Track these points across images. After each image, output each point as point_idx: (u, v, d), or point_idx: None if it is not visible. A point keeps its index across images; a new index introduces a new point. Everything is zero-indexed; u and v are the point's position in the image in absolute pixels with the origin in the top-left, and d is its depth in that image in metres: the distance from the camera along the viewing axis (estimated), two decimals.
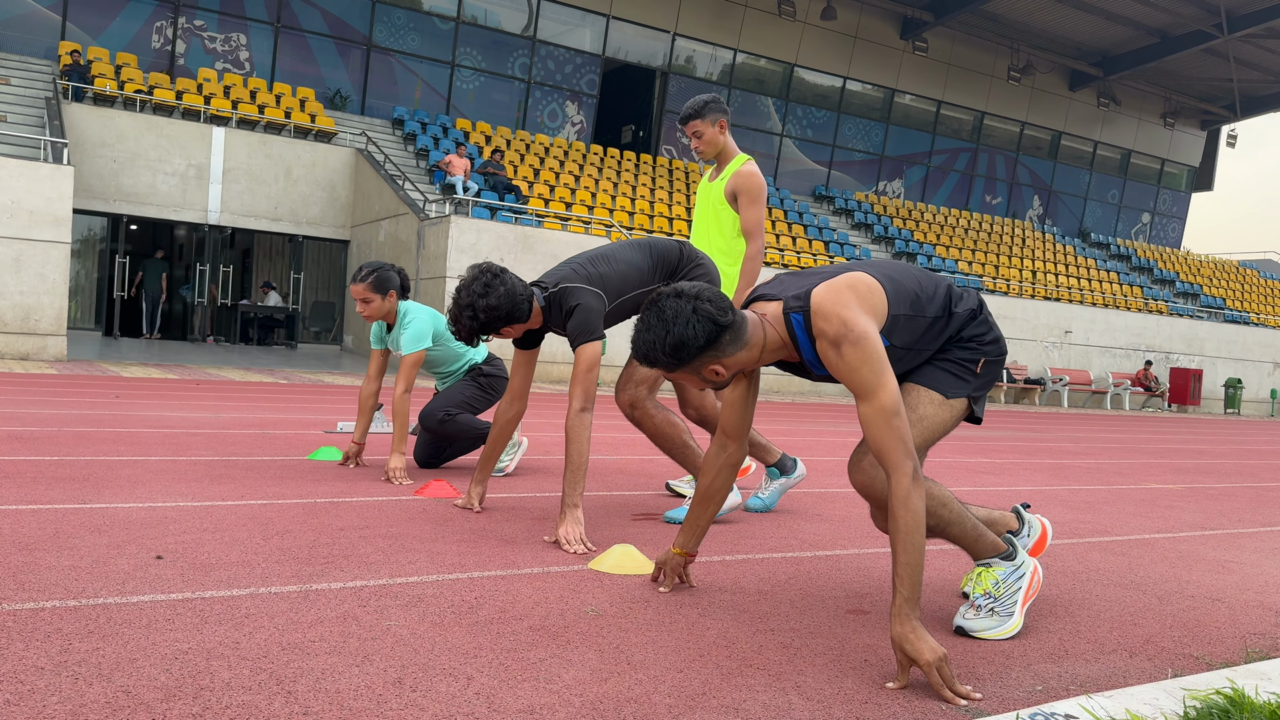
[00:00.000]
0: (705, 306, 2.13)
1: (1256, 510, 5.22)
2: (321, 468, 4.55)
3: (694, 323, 2.12)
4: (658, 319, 2.15)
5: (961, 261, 27.95)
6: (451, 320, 3.27)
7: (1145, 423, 16.96)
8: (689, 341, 2.12)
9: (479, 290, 3.21)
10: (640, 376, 3.61)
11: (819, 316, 2.16)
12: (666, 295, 2.17)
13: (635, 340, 2.19)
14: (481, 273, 3.24)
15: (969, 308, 2.42)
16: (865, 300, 2.21)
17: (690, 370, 2.18)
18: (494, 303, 3.20)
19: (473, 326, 3.22)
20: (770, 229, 24.76)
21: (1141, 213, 41.67)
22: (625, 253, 3.57)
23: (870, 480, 2.31)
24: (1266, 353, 31.42)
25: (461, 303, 3.22)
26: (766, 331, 2.22)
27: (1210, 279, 36.92)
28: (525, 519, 3.53)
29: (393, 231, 18.36)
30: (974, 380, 2.40)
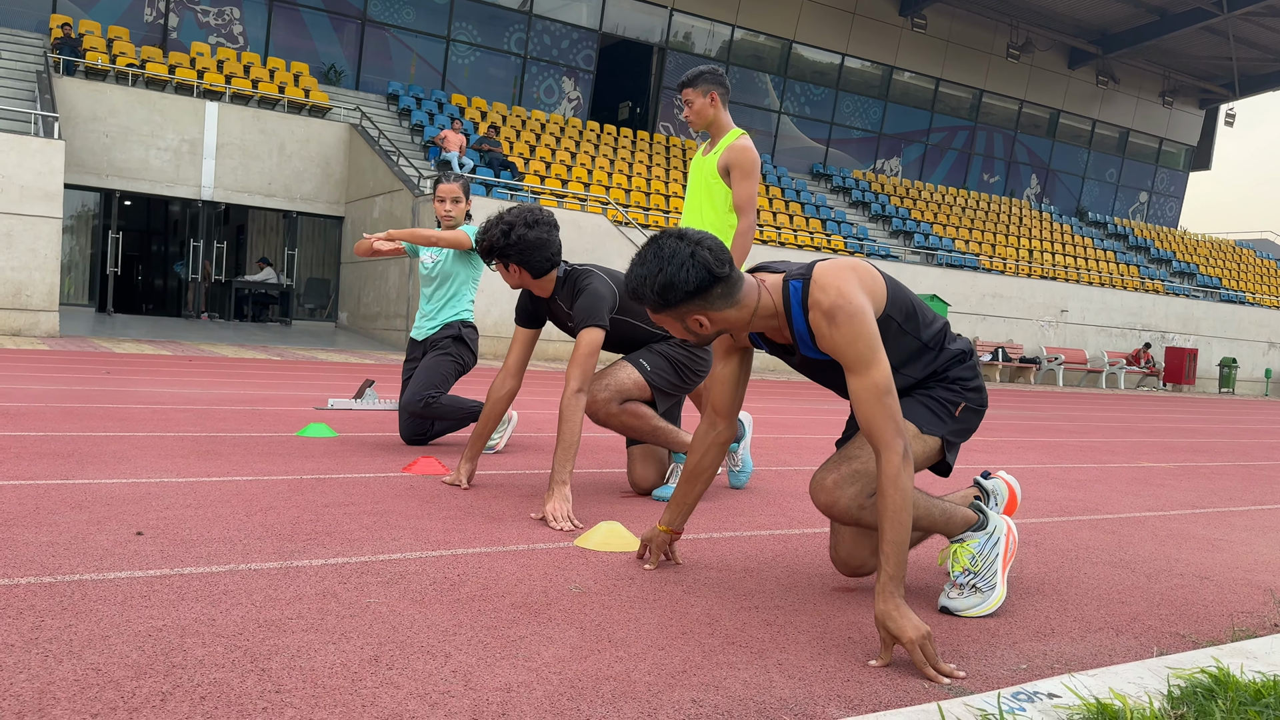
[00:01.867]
0: (704, 254, 2.09)
1: (1247, 489, 5.22)
2: (310, 444, 4.53)
3: (689, 267, 2.08)
4: (654, 255, 2.12)
5: (959, 240, 27.87)
6: (482, 229, 3.30)
7: (1140, 402, 16.95)
8: (679, 284, 2.08)
9: (529, 220, 3.27)
10: (616, 384, 3.53)
11: (817, 286, 2.13)
12: (669, 234, 2.14)
13: (628, 274, 2.16)
14: (541, 211, 3.32)
15: (961, 348, 2.41)
16: (865, 283, 2.19)
17: (675, 315, 2.14)
18: (530, 237, 3.25)
19: (497, 242, 3.27)
20: (767, 207, 24.66)
21: (1139, 192, 41.55)
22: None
23: (834, 500, 2.25)
24: (1262, 332, 31.43)
25: (506, 218, 3.26)
26: (761, 296, 2.19)
27: (1207, 258, 36.89)
28: (513, 496, 3.51)
29: (387, 208, 18.26)
30: (951, 423, 2.37)
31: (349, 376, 9.83)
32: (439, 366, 4.58)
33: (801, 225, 24.53)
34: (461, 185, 4.73)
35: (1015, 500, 2.73)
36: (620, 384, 3.46)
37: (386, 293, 18.17)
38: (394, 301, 17.82)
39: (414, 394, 4.46)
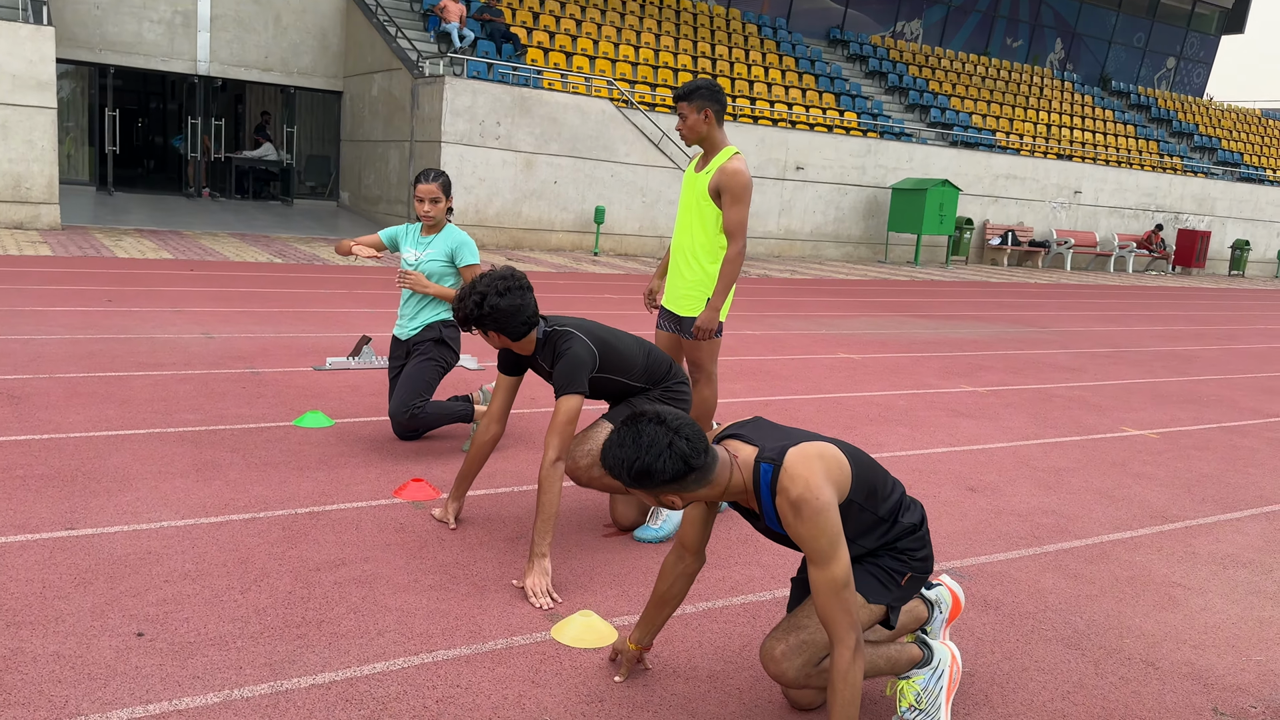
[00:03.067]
0: (682, 445, 2.15)
1: (1225, 476, 5.33)
2: (306, 443, 4.65)
3: (666, 457, 2.15)
4: (632, 441, 2.18)
5: (976, 115, 27.17)
6: (457, 299, 3.35)
7: (1145, 295, 16.84)
8: (655, 473, 2.16)
9: (499, 288, 3.29)
10: (597, 448, 3.58)
11: (786, 475, 2.20)
12: (648, 418, 2.19)
13: (605, 451, 2.22)
14: (512, 276, 3.34)
15: (912, 521, 2.48)
16: (832, 473, 2.26)
17: (649, 493, 2.23)
18: (503, 305, 3.28)
19: (471, 313, 3.31)
20: (780, 80, 23.96)
21: (1167, 57, 40.10)
22: (627, 342, 3.62)
23: (782, 671, 2.37)
24: (1278, 213, 30.97)
25: (479, 287, 3.29)
26: (733, 474, 2.27)
27: (1230, 131, 35.95)
28: (498, 544, 3.65)
29: (386, 86, 17.81)
30: (896, 590, 2.46)
31: (350, 294, 9.87)
32: (422, 374, 4.64)
33: (814, 100, 23.90)
34: (441, 184, 4.68)
35: (959, 607, 2.86)
36: (599, 446, 3.55)
37: (387, 176, 17.95)
38: (394, 186, 17.63)
39: (400, 406, 4.54)
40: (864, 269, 19.59)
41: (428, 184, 4.63)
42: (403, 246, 4.82)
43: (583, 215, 17.55)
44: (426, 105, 16.26)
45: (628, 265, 16.02)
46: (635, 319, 9.76)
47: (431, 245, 4.74)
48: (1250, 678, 3.04)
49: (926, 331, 10.64)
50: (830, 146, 21.44)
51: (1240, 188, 29.90)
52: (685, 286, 4.35)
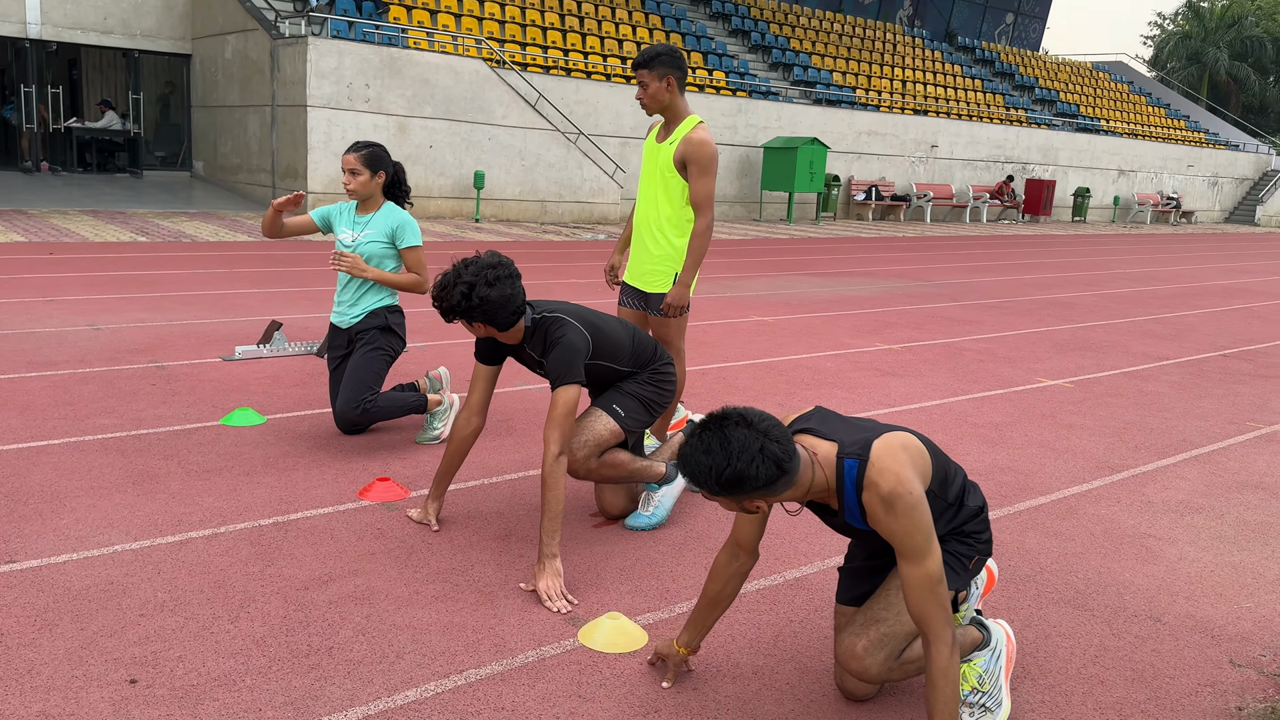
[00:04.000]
0: (773, 447, 2.02)
1: (1146, 422, 5.56)
2: (244, 444, 4.30)
3: (759, 462, 2.01)
4: (720, 445, 2.03)
5: (836, 72, 27.67)
6: (440, 288, 3.09)
7: (1005, 244, 17.55)
8: (748, 480, 2.02)
9: (488, 278, 3.08)
10: (594, 439, 3.39)
11: (875, 469, 2.11)
12: (733, 420, 2.04)
13: (687, 458, 2.06)
14: (500, 264, 3.12)
15: (977, 504, 2.43)
16: (917, 464, 2.18)
17: (733, 500, 2.09)
18: (493, 296, 3.08)
19: (458, 304, 3.09)
20: (649, 39, 23.77)
21: (1006, 13, 41.78)
22: (614, 325, 3.46)
23: (865, 668, 2.30)
24: (1113, 160, 32.85)
25: (465, 277, 3.06)
26: (815, 472, 2.16)
27: (1066, 84, 37.78)
28: (489, 544, 3.45)
29: (241, 48, 16.77)
30: (965, 575, 2.41)
31: (232, 274, 9.27)
32: (370, 364, 4.34)
33: None
34: (363, 157, 4.30)
35: (993, 581, 2.86)
36: (598, 437, 3.38)
37: (246, 143, 16.96)
38: (256, 154, 16.68)
39: (349, 400, 4.23)
40: (743, 228, 19.76)
41: (350, 154, 4.28)
42: (337, 227, 4.49)
43: (461, 180, 17.03)
44: (289, 67, 15.38)
45: (512, 231, 15.66)
46: (541, 289, 9.52)
47: (369, 225, 4.43)
48: (1248, 625, 3.15)
49: (823, 290, 10.78)
50: (703, 107, 21.44)
51: (1079, 138, 31.55)
52: (652, 262, 4.20)
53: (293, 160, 15.54)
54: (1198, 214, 36.41)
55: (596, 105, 19.66)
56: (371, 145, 4.35)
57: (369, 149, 4.34)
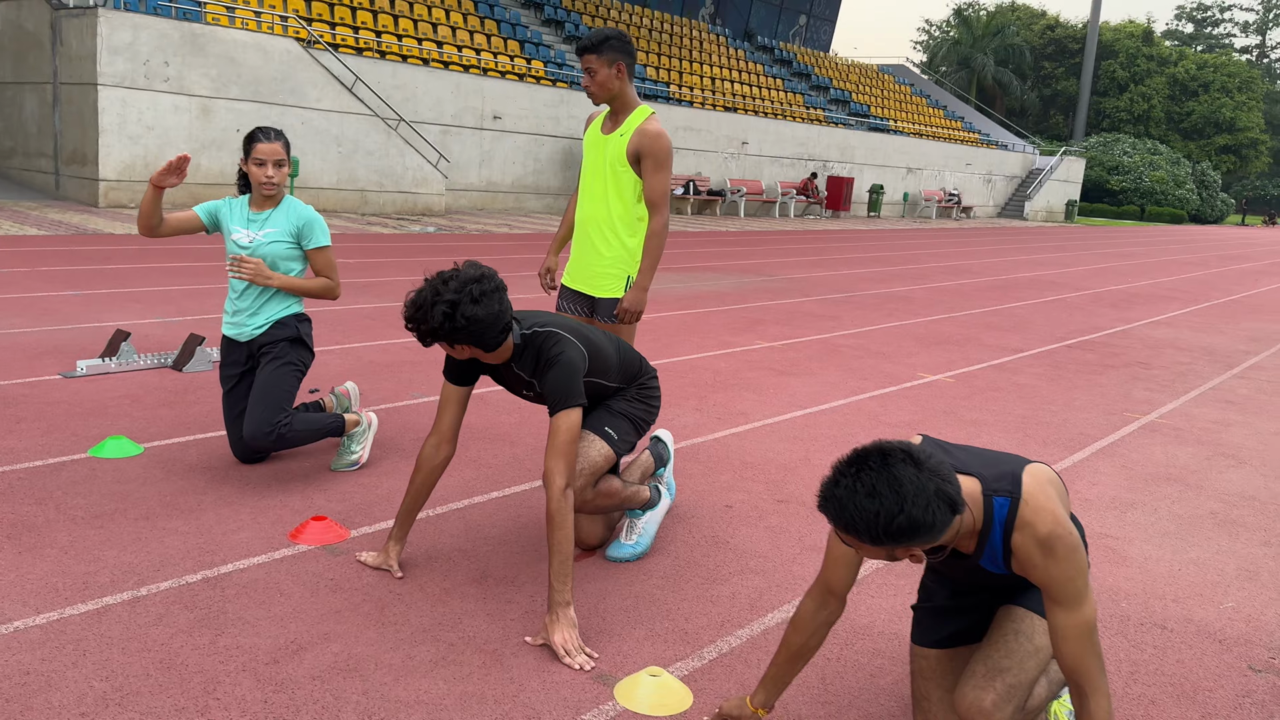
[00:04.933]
0: (947, 488, 1.76)
1: (1038, 416, 5.72)
2: (128, 483, 3.64)
3: (934, 507, 1.75)
4: (889, 488, 1.74)
5: (650, 68, 27.82)
6: (414, 306, 2.64)
7: (820, 239, 18.11)
8: (923, 527, 1.75)
9: (473, 294, 2.65)
10: (590, 468, 3.05)
11: (1029, 508, 1.90)
12: (897, 457, 1.77)
13: (843, 501, 1.76)
14: (483, 277, 2.68)
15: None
16: (1063, 498, 1.99)
17: (892, 550, 1.82)
18: (480, 314, 2.66)
19: (441, 326, 2.66)
20: (463, 24, 23.02)
21: (799, 15, 43.44)
22: (600, 337, 3.10)
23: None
24: (902, 159, 34.77)
25: (443, 295, 2.62)
26: (964, 514, 1.93)
27: (857, 85, 39.69)
28: (468, 590, 3.03)
29: (14, 19, 14.92)
30: None
31: (36, 273, 8.13)
32: (281, 381, 3.77)
33: (500, 47, 23.24)
34: (283, 143, 3.83)
35: None
36: (594, 465, 3.04)
37: (22, 125, 15.13)
38: (34, 137, 14.90)
39: (261, 424, 3.65)
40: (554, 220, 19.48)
41: (270, 143, 3.73)
42: (228, 225, 3.88)
43: None
44: (74, 41, 13.79)
45: (333, 223, 14.72)
46: (392, 285, 8.90)
47: (269, 223, 3.85)
48: (1242, 626, 3.19)
49: (681, 286, 10.69)
50: (525, 96, 20.98)
51: (873, 137, 33.19)
52: (603, 265, 3.86)
53: (80, 144, 13.96)
54: (975, 209, 39.16)
55: (416, 91, 18.82)
56: (282, 132, 3.82)
57: (284, 136, 3.80)
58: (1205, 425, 5.93)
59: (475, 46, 22.28)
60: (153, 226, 3.75)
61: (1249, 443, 5.57)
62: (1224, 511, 4.31)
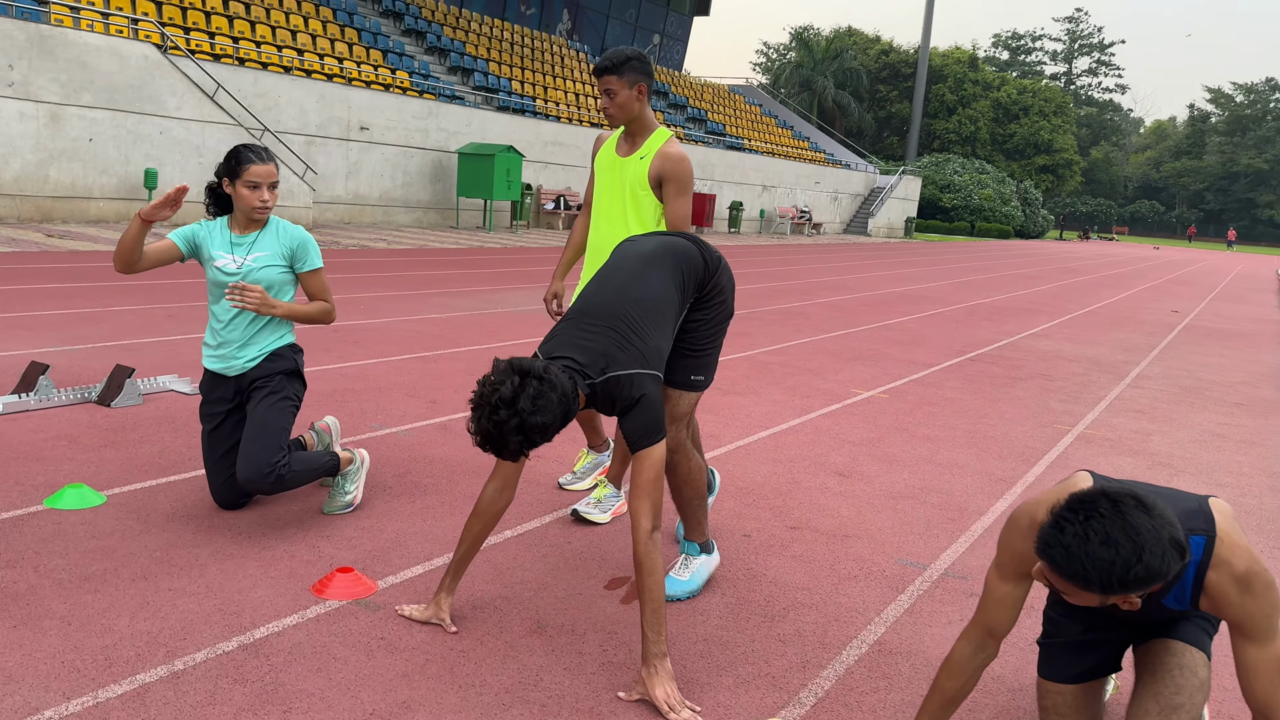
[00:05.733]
0: (1177, 534, 1.74)
1: (979, 429, 5.89)
2: (106, 536, 3.25)
3: (1168, 555, 1.72)
4: (1126, 536, 1.70)
5: (515, 81, 27.56)
6: (484, 434, 2.39)
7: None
8: (1158, 575, 1.72)
9: (528, 406, 2.37)
10: (680, 413, 3.01)
11: (1225, 546, 1.89)
12: (1129, 504, 1.73)
13: (1072, 550, 1.71)
14: (525, 377, 2.40)
15: None
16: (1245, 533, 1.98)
17: (1113, 597, 1.78)
18: (548, 420, 2.41)
19: (509, 442, 2.40)
20: (322, 32, 22.20)
21: (653, 34, 44.10)
22: (659, 290, 2.80)
23: None
24: (758, 177, 35.70)
25: (503, 420, 2.35)
26: None
27: (711, 104, 40.56)
28: (529, 640, 2.83)
29: None
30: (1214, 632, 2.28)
31: None
32: (278, 418, 3.44)
33: (362, 56, 22.52)
34: (277, 166, 3.54)
35: None
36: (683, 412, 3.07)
37: None
38: None
39: (259, 465, 3.31)
40: (441, 235, 19.03)
41: (265, 164, 3.42)
42: (209, 251, 3.53)
43: (129, 179, 14.81)
44: None
45: None
46: None
47: (258, 246, 3.53)
48: None
49: None
50: (393, 107, 20.40)
51: (730, 155, 33.94)
52: None
53: None
54: (825, 225, 40.60)
55: (278, 99, 18.00)
56: (269, 149, 3.52)
57: (275, 155, 3.49)
58: (1130, 435, 6.24)
59: (337, 55, 21.52)
60: (132, 263, 3.38)
61: (1176, 451, 5.89)
62: None
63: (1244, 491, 5.07)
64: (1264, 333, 13.54)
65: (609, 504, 3.81)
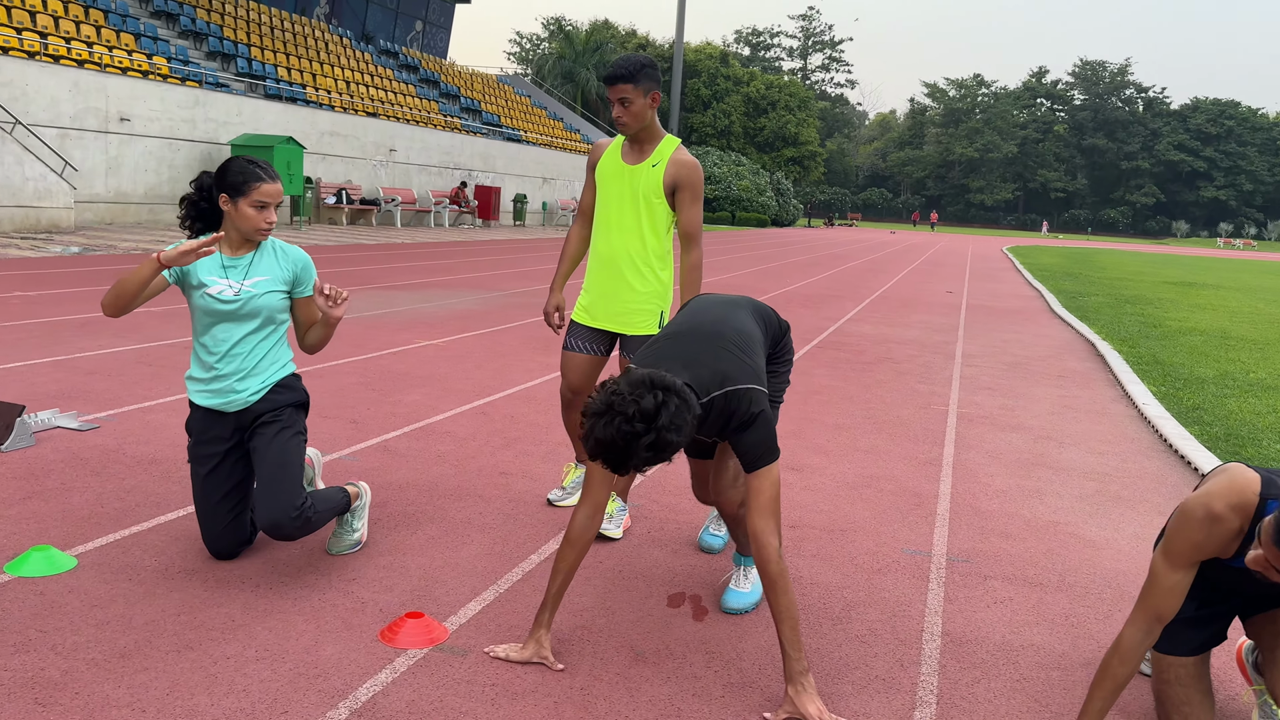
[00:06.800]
0: None
1: (876, 414, 6.23)
2: (98, 601, 2.83)
3: None
4: None
5: (281, 68, 26.02)
6: (607, 442, 2.29)
7: (491, 249, 18.11)
8: None
9: (667, 423, 2.31)
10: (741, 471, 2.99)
11: None
12: None
13: None
14: (668, 393, 2.34)
15: None
16: None
17: None
18: (681, 441, 2.35)
19: (642, 464, 2.33)
20: (64, 12, 20.00)
21: (415, 20, 42.99)
22: (751, 327, 2.85)
23: None
24: (538, 169, 35.67)
25: (638, 434, 2.28)
26: None
27: (483, 94, 40.07)
28: (635, 668, 2.73)
29: None
30: None
31: None
32: (296, 455, 3.10)
33: (112, 39, 20.51)
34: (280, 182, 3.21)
35: None
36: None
37: None
38: None
39: (286, 509, 2.96)
40: None
41: (274, 182, 3.07)
42: (195, 276, 3.10)
43: None
44: None
45: None
46: (70, 326, 7.59)
47: (255, 269, 3.14)
48: None
49: (433, 305, 10.20)
50: (155, 96, 18.74)
51: (511, 147, 33.69)
52: (638, 300, 3.62)
53: None
54: None
55: (26, 88, 16.10)
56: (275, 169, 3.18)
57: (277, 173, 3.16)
58: (998, 411, 6.77)
59: (84, 39, 19.50)
60: (130, 308, 2.95)
61: (1046, 424, 6.46)
62: (1107, 489, 4.98)
63: (1125, 458, 5.64)
64: (1032, 309, 15.03)
65: (619, 518, 3.73)
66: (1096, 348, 10.34)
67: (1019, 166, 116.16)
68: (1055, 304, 15.39)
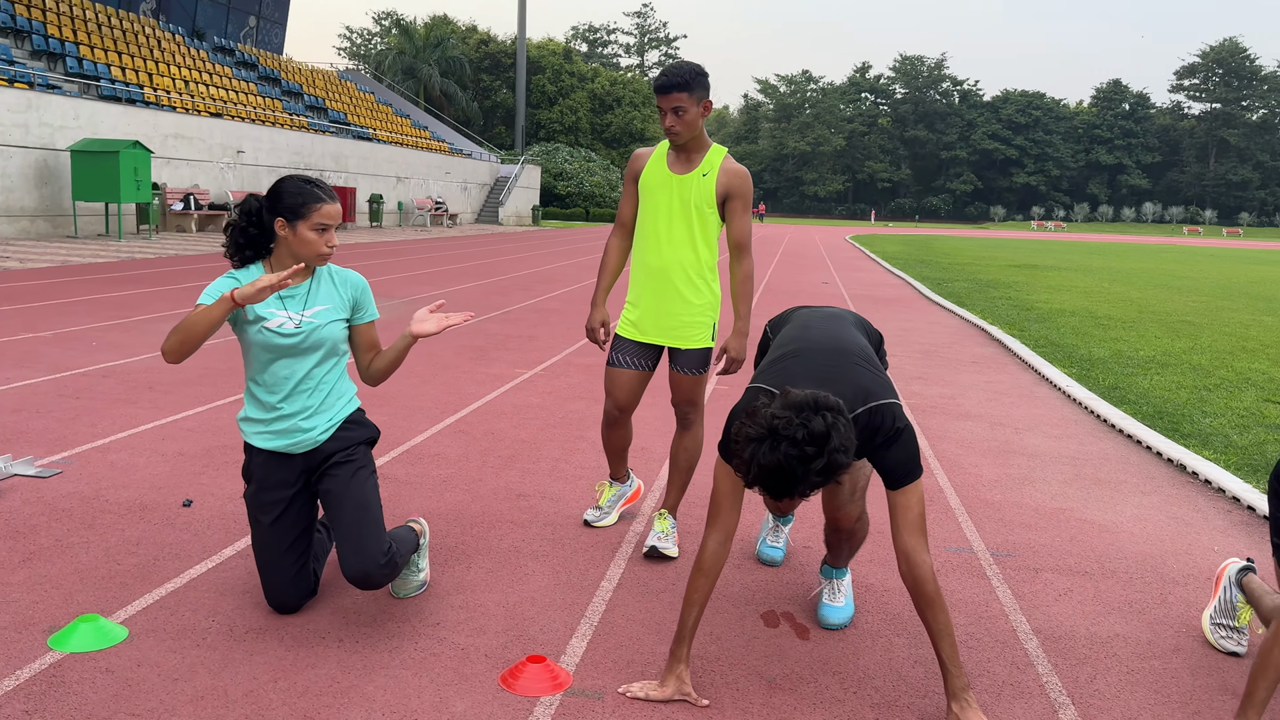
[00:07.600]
0: None
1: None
2: (172, 675, 2.53)
3: None
4: None
5: (115, 67, 24.32)
6: (773, 468, 2.21)
7: (375, 250, 17.44)
8: None
9: (838, 445, 2.24)
10: (862, 486, 2.95)
11: None
12: None
13: None
14: (837, 414, 2.26)
15: None
16: None
17: None
18: (849, 464, 2.29)
19: (810, 489, 2.27)
20: None
21: (249, 15, 41.06)
22: (859, 336, 2.84)
23: None
24: (392, 168, 34.67)
25: (809, 457, 2.21)
26: None
27: (325, 91, 38.62)
28: (766, 692, 2.65)
29: None
30: None
31: None
32: (375, 496, 2.84)
33: None
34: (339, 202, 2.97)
35: None
36: (861, 484, 2.99)
37: None
38: None
39: (376, 555, 2.69)
40: (56, 248, 16.43)
41: (335, 202, 2.82)
42: (256, 309, 2.82)
43: None
44: None
45: None
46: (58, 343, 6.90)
47: (314, 298, 2.87)
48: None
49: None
50: None
51: (363, 146, 32.60)
52: (691, 313, 3.52)
53: None
54: (460, 216, 40.37)
55: None
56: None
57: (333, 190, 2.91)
58: (943, 400, 6.97)
59: None
60: (193, 352, 2.65)
61: (992, 411, 6.69)
62: (1083, 473, 5.19)
63: (1081, 441, 5.90)
64: (908, 296, 15.62)
65: (673, 535, 3.63)
66: (989, 333, 10.82)
67: (848, 159, 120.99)
68: (928, 291, 16.04)
